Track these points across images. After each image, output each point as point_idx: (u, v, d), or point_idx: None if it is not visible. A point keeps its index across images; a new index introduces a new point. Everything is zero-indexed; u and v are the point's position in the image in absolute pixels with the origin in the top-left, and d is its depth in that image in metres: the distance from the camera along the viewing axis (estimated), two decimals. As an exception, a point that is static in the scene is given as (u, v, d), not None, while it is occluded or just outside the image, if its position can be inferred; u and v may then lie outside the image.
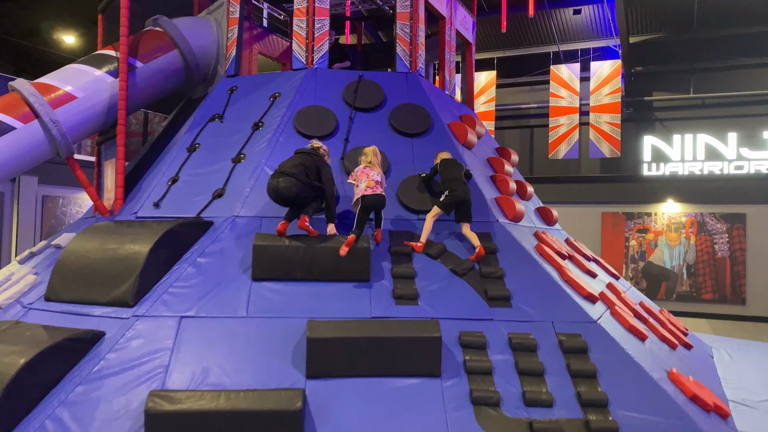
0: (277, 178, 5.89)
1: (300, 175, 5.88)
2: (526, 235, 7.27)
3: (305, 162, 6.02)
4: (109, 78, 7.90)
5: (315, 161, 6.11)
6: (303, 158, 6.07)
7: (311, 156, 6.15)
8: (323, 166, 6.15)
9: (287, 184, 5.83)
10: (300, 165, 5.96)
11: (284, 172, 5.89)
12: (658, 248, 15.89)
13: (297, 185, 5.85)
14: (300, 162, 5.99)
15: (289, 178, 5.84)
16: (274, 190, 5.90)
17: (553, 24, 16.77)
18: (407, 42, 8.20)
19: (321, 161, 6.17)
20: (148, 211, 7.10)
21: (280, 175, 5.90)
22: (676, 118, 17.06)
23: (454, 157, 7.00)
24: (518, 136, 19.17)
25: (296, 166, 5.93)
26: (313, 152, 6.21)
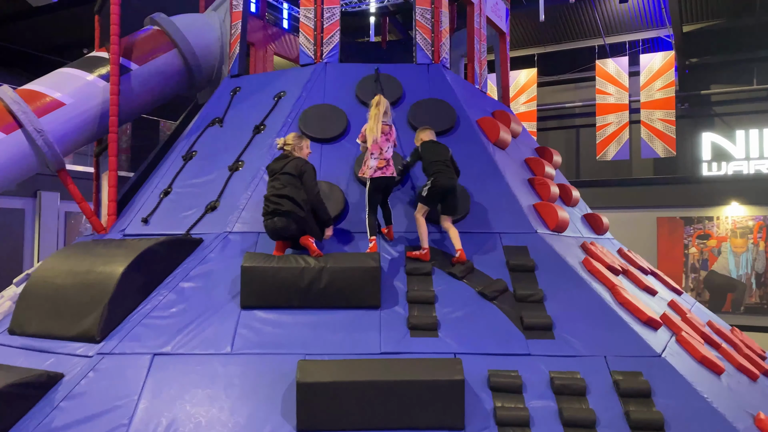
0: (272, 218, 5.13)
1: (295, 210, 5.07)
2: (571, 248, 6.17)
3: (290, 185, 5.15)
4: (101, 82, 7.20)
5: (297, 171, 5.21)
6: (285, 181, 5.17)
7: (289, 166, 5.23)
8: (304, 170, 5.24)
9: (284, 224, 5.10)
10: (287, 194, 5.11)
11: (277, 211, 5.09)
12: (722, 256, 14.36)
13: (297, 221, 5.10)
14: (285, 191, 5.12)
15: (284, 218, 5.08)
16: (272, 231, 5.19)
17: (598, 15, 15.49)
18: (428, 29, 7.21)
19: (301, 165, 5.26)
20: (136, 227, 6.31)
21: (273, 215, 5.12)
22: (738, 112, 15.51)
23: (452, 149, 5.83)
24: (563, 137, 17.88)
25: (285, 199, 5.09)
26: (288, 161, 5.27)
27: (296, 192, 5.13)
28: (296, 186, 5.17)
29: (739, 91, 15.54)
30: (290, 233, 5.16)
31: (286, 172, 5.21)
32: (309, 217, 5.15)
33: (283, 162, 5.30)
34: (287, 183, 5.15)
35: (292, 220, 5.07)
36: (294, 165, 5.24)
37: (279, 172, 5.26)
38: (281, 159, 5.35)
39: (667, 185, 15.16)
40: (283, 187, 5.13)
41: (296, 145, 5.39)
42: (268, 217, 5.15)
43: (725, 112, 15.78)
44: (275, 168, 5.31)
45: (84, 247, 5.49)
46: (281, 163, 5.31)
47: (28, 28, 15.96)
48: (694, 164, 15.61)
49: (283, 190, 5.12)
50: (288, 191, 5.10)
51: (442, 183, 5.39)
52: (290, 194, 5.09)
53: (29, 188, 13.27)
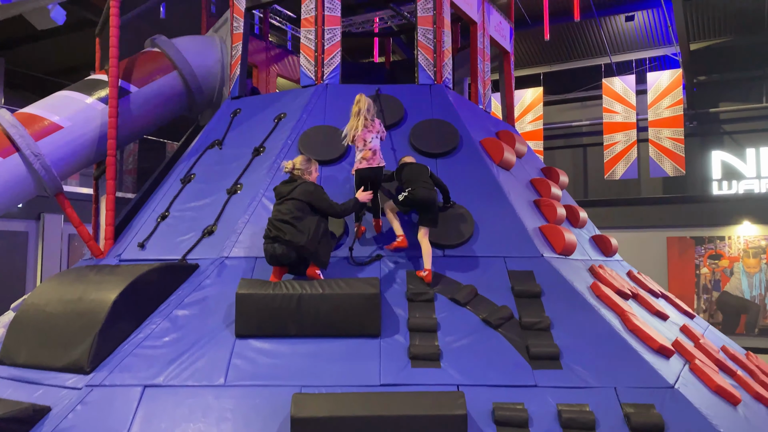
0: (272, 243, 4.97)
1: (297, 239, 4.89)
2: (579, 272, 5.97)
3: (293, 210, 4.99)
4: (100, 105, 7.12)
5: (306, 197, 5.05)
6: (291, 207, 5.01)
7: (297, 192, 5.07)
8: (314, 194, 5.09)
9: (283, 252, 4.94)
10: (291, 221, 4.94)
11: (278, 238, 4.92)
12: (735, 276, 14.07)
13: (297, 250, 4.93)
14: (289, 217, 4.96)
15: (284, 246, 4.92)
16: (271, 256, 5.02)
17: (604, 33, 15.40)
18: (430, 50, 7.10)
19: (310, 190, 5.10)
20: (132, 252, 6.18)
21: (273, 240, 4.96)
22: (748, 130, 15.30)
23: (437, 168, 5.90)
24: (570, 156, 17.70)
25: (288, 226, 4.92)
26: (296, 186, 5.12)
27: (301, 219, 4.96)
28: (303, 212, 5.00)
29: (748, 109, 15.35)
30: (289, 261, 5.01)
31: (294, 197, 5.05)
32: (314, 244, 4.95)
33: (290, 186, 5.15)
34: (294, 209, 4.99)
35: (292, 248, 4.91)
36: (302, 190, 5.09)
37: (286, 196, 5.10)
38: (289, 182, 5.21)
39: (677, 204, 14.93)
40: (289, 213, 4.97)
41: (305, 169, 5.25)
42: (268, 242, 4.99)
43: (735, 130, 15.58)
44: (282, 191, 5.16)
45: (76, 274, 5.36)
46: (288, 186, 5.16)
47: (35, 50, 16.05)
48: (704, 183, 15.39)
49: (287, 216, 4.96)
50: (293, 218, 4.94)
51: (417, 194, 5.31)
52: (294, 222, 4.93)
53: (33, 211, 13.21)
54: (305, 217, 4.98)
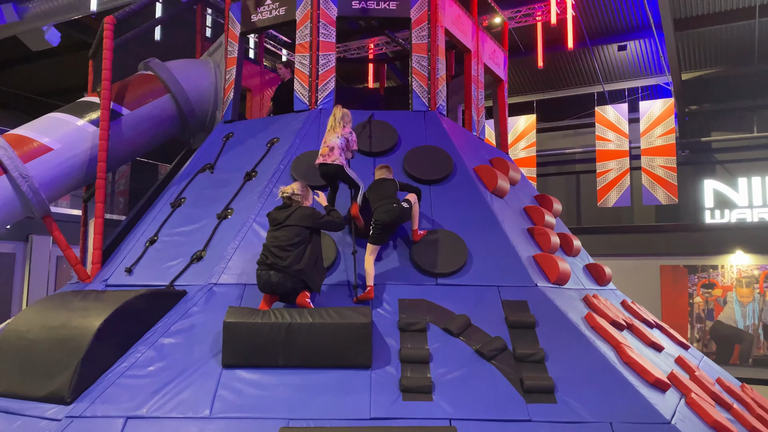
0: (267, 270, 4.85)
1: (294, 266, 4.80)
2: (573, 302, 5.89)
3: (291, 237, 4.89)
4: (90, 127, 7.05)
5: (303, 221, 4.96)
6: (290, 234, 4.91)
7: (295, 217, 4.98)
8: (313, 217, 5.02)
9: (279, 280, 4.83)
10: (288, 247, 4.85)
11: (275, 265, 4.81)
12: (728, 306, 14.01)
13: (293, 277, 4.83)
14: (288, 243, 4.86)
15: (281, 274, 4.81)
16: (265, 283, 4.90)
17: (597, 62, 15.55)
18: (425, 76, 7.10)
19: (308, 214, 5.02)
20: (119, 277, 6.06)
21: (270, 267, 4.84)
22: (739, 159, 15.40)
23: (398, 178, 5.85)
24: (563, 183, 17.75)
25: (286, 253, 4.83)
26: (293, 211, 5.02)
27: (299, 245, 4.87)
28: (300, 238, 4.91)
29: (739, 139, 15.48)
30: (283, 290, 4.89)
31: (293, 224, 4.95)
32: (310, 270, 4.88)
33: (287, 212, 5.04)
34: (292, 236, 4.89)
35: (289, 276, 4.80)
36: (301, 215, 5.00)
37: (282, 222, 5.00)
38: (284, 208, 5.10)
39: (670, 233, 14.94)
40: (287, 240, 4.87)
41: (304, 195, 5.16)
42: (263, 268, 4.87)
43: (726, 159, 15.68)
44: (278, 218, 5.05)
45: (60, 299, 5.23)
46: (285, 212, 5.05)
47: (30, 72, 16.03)
48: (697, 212, 15.43)
49: (285, 243, 4.86)
50: (291, 245, 4.85)
51: (381, 219, 5.35)
52: (293, 248, 4.84)
53: (21, 232, 13.04)
54: (302, 243, 4.89)
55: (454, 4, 7.74)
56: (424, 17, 7.18)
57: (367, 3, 7.24)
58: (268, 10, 7.52)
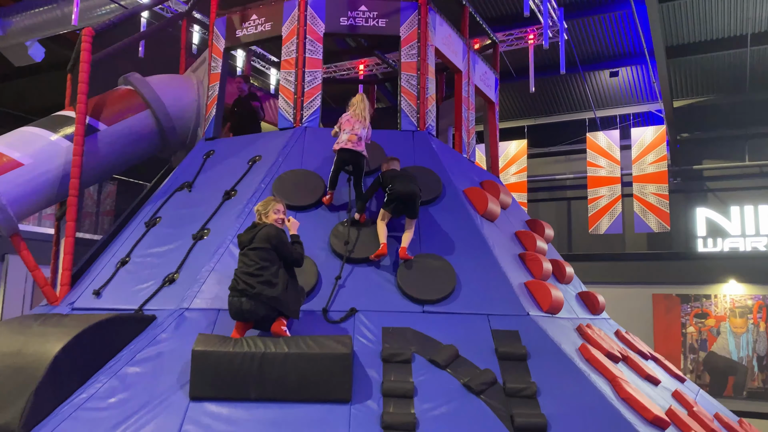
0: (239, 297, 4.50)
1: (266, 291, 4.45)
2: (567, 332, 5.60)
3: (258, 260, 4.54)
4: (65, 142, 6.75)
5: (265, 242, 4.61)
6: (255, 257, 4.56)
7: (259, 239, 4.63)
8: (275, 239, 4.66)
9: (251, 307, 4.47)
10: (256, 272, 4.50)
11: (246, 292, 4.46)
12: (722, 336, 13.75)
13: (266, 303, 4.47)
14: (255, 268, 4.51)
15: (253, 300, 4.46)
16: (237, 312, 4.54)
17: (588, 88, 15.46)
18: (414, 96, 6.87)
19: (272, 234, 4.67)
20: (86, 300, 5.72)
21: (241, 294, 4.49)
22: (732, 188, 15.27)
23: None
24: (554, 209, 17.55)
25: (254, 278, 4.48)
26: (257, 231, 4.68)
27: (268, 269, 4.54)
28: (268, 261, 4.57)
29: (731, 167, 15.37)
30: (257, 317, 4.54)
31: (256, 246, 4.61)
32: (284, 296, 4.53)
33: (252, 233, 4.71)
34: (258, 259, 4.55)
35: (260, 303, 4.46)
36: (264, 235, 4.65)
37: (248, 245, 4.67)
38: (251, 229, 4.77)
39: (662, 261, 14.73)
40: (254, 264, 4.53)
41: (263, 211, 4.83)
42: (234, 294, 4.53)
43: (719, 187, 15.55)
44: (244, 241, 4.72)
45: (19, 324, 4.88)
46: (250, 234, 4.71)
47: (12, 89, 15.74)
48: (689, 240, 15.24)
49: (252, 268, 4.52)
50: (258, 269, 4.51)
51: (397, 189, 5.48)
52: (262, 272, 4.50)
53: (-4, 251, 12.63)
54: (272, 266, 4.56)
55: (444, 24, 7.56)
56: (414, 35, 6.98)
57: (355, 20, 7.04)
58: (254, 25, 7.30)
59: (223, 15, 7.57)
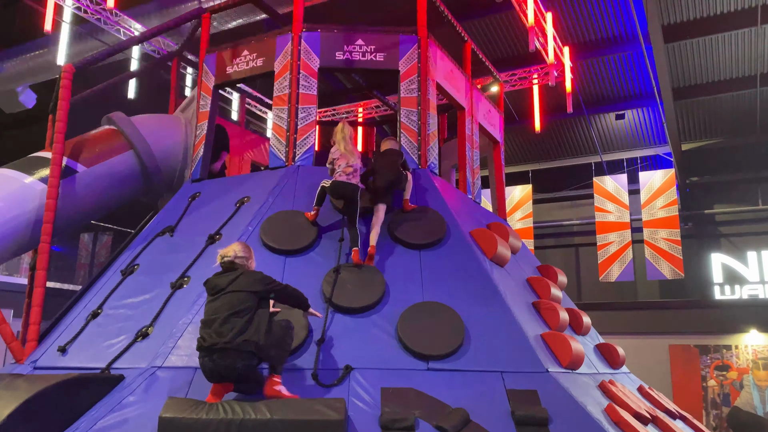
0: (210, 356, 3.84)
1: (237, 336, 3.83)
2: (590, 390, 4.95)
3: (235, 304, 3.94)
4: (39, 185, 6.27)
5: (251, 286, 4.04)
6: (234, 302, 3.96)
7: (241, 282, 4.05)
8: (264, 280, 4.11)
9: (228, 363, 3.81)
10: (231, 318, 3.88)
11: (215, 347, 3.82)
12: (745, 390, 12.94)
13: (242, 358, 3.83)
14: (228, 311, 3.91)
15: (226, 353, 3.81)
16: (210, 372, 3.88)
17: (594, 131, 15.11)
18: (414, 132, 6.41)
19: (258, 278, 4.11)
20: (51, 358, 5.12)
21: (210, 351, 3.84)
22: (747, 233, 14.74)
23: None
24: (561, 256, 16.96)
25: (225, 323, 3.86)
26: (238, 276, 4.10)
27: (245, 316, 3.92)
28: (248, 306, 3.96)
29: (744, 211, 14.87)
30: (237, 373, 3.88)
31: (237, 289, 4.02)
32: (264, 340, 3.91)
33: (229, 277, 4.12)
34: (236, 303, 3.95)
35: (237, 354, 3.82)
36: (250, 280, 4.07)
37: (225, 289, 4.06)
38: (226, 273, 4.18)
39: (678, 310, 14.04)
40: (230, 308, 3.92)
41: (248, 257, 4.26)
42: (203, 354, 3.88)
43: (733, 232, 15.01)
44: (219, 283, 4.10)
45: (-34, 387, 4.26)
46: (226, 278, 4.12)
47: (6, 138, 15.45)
48: (705, 287, 14.59)
49: (227, 312, 3.91)
50: (233, 314, 3.89)
51: (376, 183, 5.56)
52: (236, 319, 3.88)
53: (-26, 304, 12.00)
54: (248, 312, 3.95)
55: (446, 59, 7.18)
56: (414, 69, 6.57)
57: (352, 54, 6.65)
58: (245, 61, 6.92)
59: (213, 52, 7.20)
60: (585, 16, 11.85)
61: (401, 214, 5.71)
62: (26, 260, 13.44)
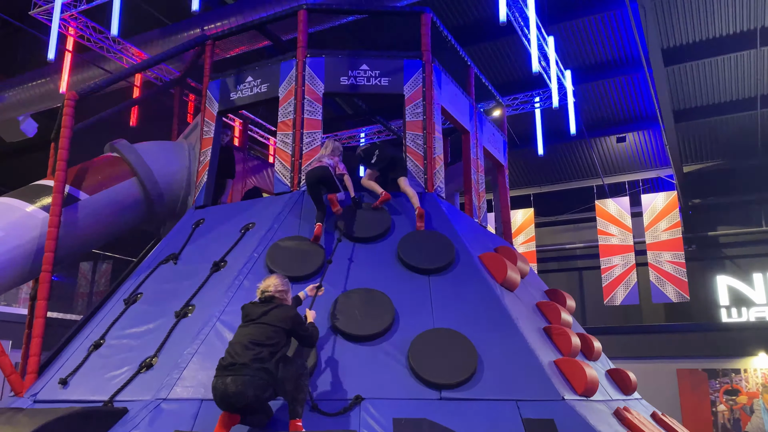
0: (224, 377, 3.76)
1: (259, 373, 3.74)
2: (606, 419, 4.82)
3: (262, 337, 3.88)
4: (41, 214, 6.22)
5: (284, 322, 3.98)
6: (262, 333, 3.91)
7: (274, 316, 3.99)
8: (296, 320, 4.06)
9: (238, 387, 3.70)
10: (253, 346, 3.82)
11: (233, 366, 3.75)
12: (756, 415, 12.69)
13: (254, 386, 3.72)
14: (253, 339, 3.86)
15: (241, 377, 3.71)
16: (222, 396, 3.76)
17: (595, 154, 15.10)
18: (420, 156, 6.36)
19: (291, 315, 4.05)
20: (51, 391, 4.99)
21: (227, 371, 3.77)
22: (752, 254, 14.62)
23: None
24: (565, 279, 16.81)
25: (247, 349, 3.80)
26: (272, 308, 4.04)
27: (268, 348, 3.85)
28: (276, 341, 3.91)
29: (748, 233, 14.78)
30: (244, 403, 3.75)
31: (269, 323, 3.97)
32: (281, 373, 3.85)
33: (264, 307, 4.08)
34: (265, 335, 3.90)
35: (249, 380, 3.71)
36: (283, 315, 4.02)
37: (256, 319, 4.01)
38: (262, 304, 4.14)
39: (684, 333, 13.85)
40: (258, 337, 3.87)
41: (286, 291, 4.21)
42: (219, 374, 3.80)
43: (738, 254, 14.90)
44: (252, 313, 4.08)
45: (-36, 422, 4.12)
46: (262, 308, 4.08)
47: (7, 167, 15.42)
48: (711, 310, 14.44)
49: (252, 339, 3.86)
50: (257, 344, 3.83)
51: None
52: (259, 348, 3.82)
53: (-26, 336, 11.83)
54: (273, 346, 3.88)
55: (450, 83, 7.16)
56: (419, 94, 6.55)
57: (356, 79, 6.63)
58: (249, 87, 6.90)
59: (216, 78, 7.18)
60: (586, 40, 11.92)
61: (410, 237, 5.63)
62: (25, 290, 13.32)
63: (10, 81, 11.55)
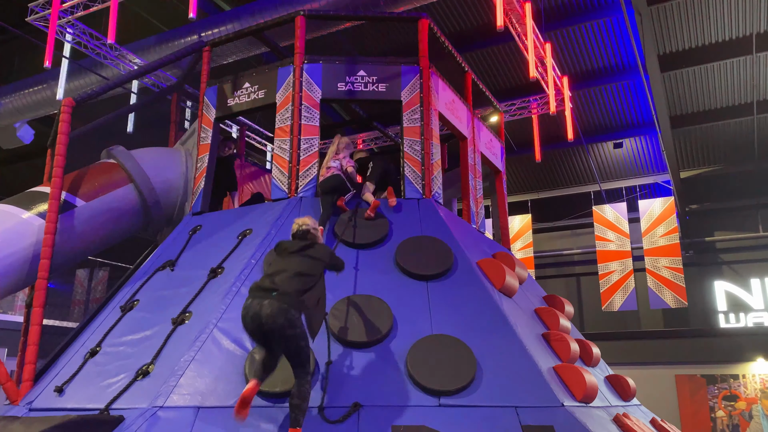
0: (261, 299, 3.83)
1: (295, 302, 3.85)
2: (606, 425, 4.80)
3: (305, 268, 4.08)
4: (37, 221, 6.19)
5: (325, 256, 4.29)
6: (303, 263, 4.11)
7: (316, 251, 4.26)
8: (333, 255, 4.46)
9: (274, 310, 3.75)
10: (301, 277, 3.99)
11: (272, 287, 3.87)
12: (755, 421, 12.69)
13: (287, 314, 3.78)
14: (299, 271, 4.03)
15: (276, 302, 3.79)
16: (253, 318, 3.81)
17: (592, 160, 15.11)
18: (418, 162, 6.35)
19: (329, 251, 4.43)
20: (47, 399, 4.95)
21: (262, 292, 3.87)
22: (749, 260, 14.62)
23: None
24: (563, 285, 16.79)
25: (294, 280, 3.95)
26: (309, 244, 4.29)
27: (308, 277, 4.03)
28: (316, 275, 4.10)
29: (745, 238, 14.79)
30: (272, 328, 3.75)
31: (312, 255, 4.19)
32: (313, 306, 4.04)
33: (302, 242, 4.28)
34: (307, 268, 4.08)
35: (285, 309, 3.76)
36: (322, 250, 4.31)
37: (297, 251, 4.20)
38: (297, 240, 4.34)
39: (682, 338, 13.88)
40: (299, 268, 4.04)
41: (319, 230, 4.49)
42: (257, 295, 3.86)
43: (735, 259, 14.91)
44: (291, 247, 4.24)
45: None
46: (299, 243, 4.28)
47: (3, 174, 15.39)
48: (709, 315, 14.44)
49: (296, 271, 4.00)
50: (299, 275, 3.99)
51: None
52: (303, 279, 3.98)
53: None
54: (317, 280, 4.12)
55: (447, 89, 7.16)
56: (416, 99, 6.54)
57: (354, 85, 6.62)
58: (246, 93, 6.88)
59: (214, 84, 7.17)
60: (582, 46, 11.96)
61: (407, 243, 5.62)
62: (20, 297, 13.26)
63: (7, 87, 11.52)
